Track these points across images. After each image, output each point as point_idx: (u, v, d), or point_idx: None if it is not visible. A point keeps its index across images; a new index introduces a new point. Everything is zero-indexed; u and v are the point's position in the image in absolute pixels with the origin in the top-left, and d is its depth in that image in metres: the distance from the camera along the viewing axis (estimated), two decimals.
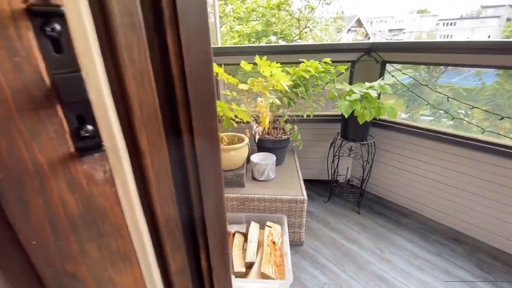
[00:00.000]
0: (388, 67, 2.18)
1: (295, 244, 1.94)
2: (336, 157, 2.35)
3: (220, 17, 7.36)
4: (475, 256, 1.83)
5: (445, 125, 2.49)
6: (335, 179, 2.61)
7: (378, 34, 35.65)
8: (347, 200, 2.46)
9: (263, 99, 1.39)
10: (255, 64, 1.69)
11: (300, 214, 1.82)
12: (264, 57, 1.34)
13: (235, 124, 1.81)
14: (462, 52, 1.80)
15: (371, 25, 40.17)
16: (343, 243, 1.96)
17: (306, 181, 2.72)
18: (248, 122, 1.63)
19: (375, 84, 1.88)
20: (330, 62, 1.93)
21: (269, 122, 2.18)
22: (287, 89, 1.38)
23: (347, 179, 2.61)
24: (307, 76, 1.83)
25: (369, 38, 29.50)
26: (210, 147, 0.34)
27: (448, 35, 36.53)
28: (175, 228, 0.32)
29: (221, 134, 1.91)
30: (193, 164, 0.34)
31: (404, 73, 2.08)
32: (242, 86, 1.45)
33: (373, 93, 1.78)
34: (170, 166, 0.33)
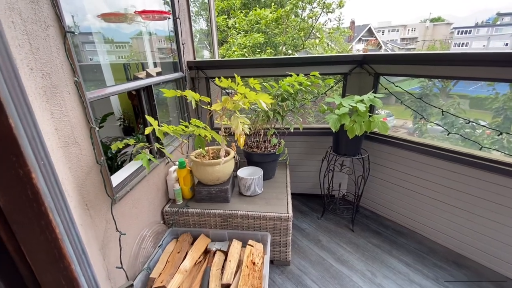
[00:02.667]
0: (391, 78, 2.08)
1: (281, 263, 1.85)
2: (330, 171, 2.27)
3: (224, 30, 7.51)
4: (476, 283, 1.68)
5: (455, 137, 2.34)
6: (330, 193, 2.52)
7: (390, 43, 35.27)
8: (341, 217, 2.36)
9: (233, 118, 1.36)
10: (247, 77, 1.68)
11: (285, 232, 1.74)
12: (239, 78, 1.31)
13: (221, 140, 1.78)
14: (458, 64, 1.71)
15: (382, 34, 39.85)
16: (332, 263, 1.86)
17: (300, 196, 2.65)
18: (231, 136, 1.59)
19: (365, 97, 1.81)
20: (318, 75, 1.89)
21: (254, 136, 2.14)
22: (265, 107, 1.35)
23: (340, 194, 2.51)
24: (292, 91, 1.79)
25: (380, 47, 29.24)
26: None
27: (463, 43, 35.66)
28: None
29: (207, 148, 1.89)
30: None
31: (397, 86, 2.00)
32: (215, 106, 1.43)
33: (362, 107, 1.72)
34: None
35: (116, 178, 1.42)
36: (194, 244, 1.67)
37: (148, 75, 1.87)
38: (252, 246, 1.61)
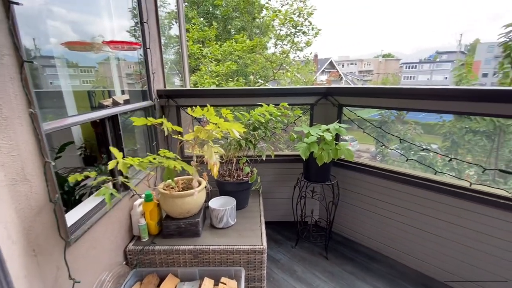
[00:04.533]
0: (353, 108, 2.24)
1: None
2: (302, 198, 2.29)
3: (198, 58, 7.67)
4: None
5: (413, 161, 2.53)
6: (303, 220, 2.51)
7: (350, 75, 38.70)
8: (315, 244, 2.34)
9: (206, 147, 1.34)
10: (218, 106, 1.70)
11: (260, 265, 1.67)
12: (211, 108, 1.32)
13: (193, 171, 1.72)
14: (407, 97, 1.91)
15: (342, 67, 43.78)
16: None
17: (273, 224, 2.61)
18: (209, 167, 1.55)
19: (331, 126, 1.92)
20: (287, 106, 1.98)
21: (227, 164, 2.12)
22: (238, 136, 1.35)
23: (313, 221, 2.52)
24: (263, 120, 1.84)
25: (341, 79, 31.91)
26: None
27: (411, 76, 40.48)
28: None
29: (176, 178, 1.81)
30: None
31: (358, 116, 2.16)
32: (187, 136, 1.41)
33: (328, 136, 1.80)
34: None
35: (72, 216, 1.28)
36: (161, 286, 1.52)
37: (115, 103, 1.80)
38: (225, 284, 1.51)
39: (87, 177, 1.26)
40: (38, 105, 0.98)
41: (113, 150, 1.23)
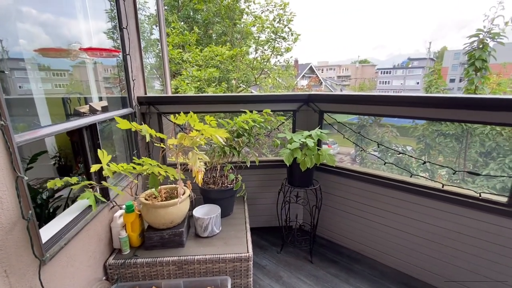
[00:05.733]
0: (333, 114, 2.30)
1: None
2: (287, 203, 2.31)
3: (178, 63, 7.56)
4: None
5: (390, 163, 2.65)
6: (288, 225, 2.54)
7: (329, 80, 39.87)
8: (300, 248, 2.37)
9: (191, 154, 1.33)
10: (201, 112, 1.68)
11: (246, 273, 1.66)
12: (195, 115, 1.31)
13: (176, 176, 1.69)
14: (383, 104, 2.01)
15: (322, 72, 45.07)
16: None
17: (258, 230, 2.61)
18: (183, 178, 1.53)
19: (313, 132, 1.97)
20: (270, 112, 2.00)
21: (211, 172, 2.10)
22: (222, 142, 1.35)
23: (297, 225, 2.55)
24: (247, 127, 1.85)
25: (321, 84, 32.79)
26: None
27: (386, 81, 42.47)
28: None
29: (159, 187, 1.76)
30: None
31: (339, 121, 2.23)
32: (171, 142, 1.39)
33: (310, 143, 1.85)
34: None
35: (47, 232, 1.21)
36: None
37: (92, 110, 1.73)
38: None
39: (66, 184, 1.20)
40: (8, 119, 0.92)
41: (100, 154, 1.18)
